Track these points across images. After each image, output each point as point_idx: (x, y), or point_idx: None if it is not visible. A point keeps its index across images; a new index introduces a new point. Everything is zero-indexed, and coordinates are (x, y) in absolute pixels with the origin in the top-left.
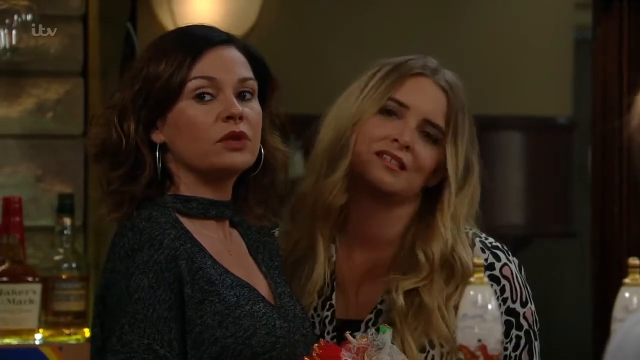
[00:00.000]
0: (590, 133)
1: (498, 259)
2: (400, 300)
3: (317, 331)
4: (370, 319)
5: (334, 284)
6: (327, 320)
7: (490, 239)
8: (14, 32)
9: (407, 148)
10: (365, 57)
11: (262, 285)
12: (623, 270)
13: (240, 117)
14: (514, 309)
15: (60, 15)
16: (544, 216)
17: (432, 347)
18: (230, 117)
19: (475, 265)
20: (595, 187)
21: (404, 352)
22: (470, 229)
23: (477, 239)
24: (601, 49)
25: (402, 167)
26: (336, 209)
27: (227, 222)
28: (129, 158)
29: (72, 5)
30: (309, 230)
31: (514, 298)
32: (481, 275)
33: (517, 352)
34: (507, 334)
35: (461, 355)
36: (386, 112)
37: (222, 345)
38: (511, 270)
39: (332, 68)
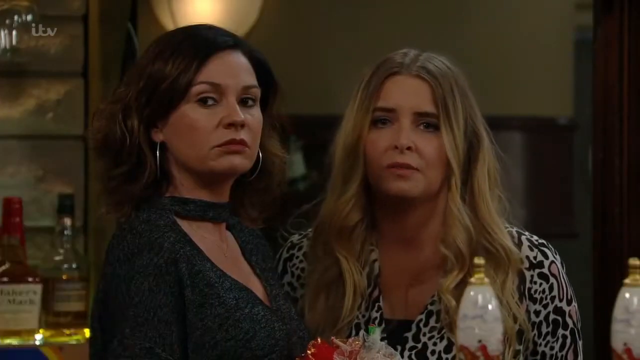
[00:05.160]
0: (591, 134)
1: (546, 256)
2: (452, 301)
3: (363, 332)
4: (421, 319)
5: (379, 287)
6: (376, 322)
7: (535, 237)
8: (14, 32)
9: (409, 149)
10: (365, 57)
11: (257, 288)
12: (624, 271)
13: (242, 125)
14: (561, 307)
15: (60, 16)
16: (545, 217)
17: None
18: (231, 125)
19: (476, 266)
20: (596, 188)
21: None
22: (512, 227)
23: (523, 237)
24: (602, 50)
25: (412, 168)
26: (351, 227)
27: (223, 225)
28: (131, 156)
29: (72, 6)
30: (331, 252)
31: (561, 297)
32: (481, 275)
33: (564, 352)
34: (554, 333)
35: (462, 356)
36: (379, 122)
37: (222, 348)
38: (558, 268)
39: (331, 68)
